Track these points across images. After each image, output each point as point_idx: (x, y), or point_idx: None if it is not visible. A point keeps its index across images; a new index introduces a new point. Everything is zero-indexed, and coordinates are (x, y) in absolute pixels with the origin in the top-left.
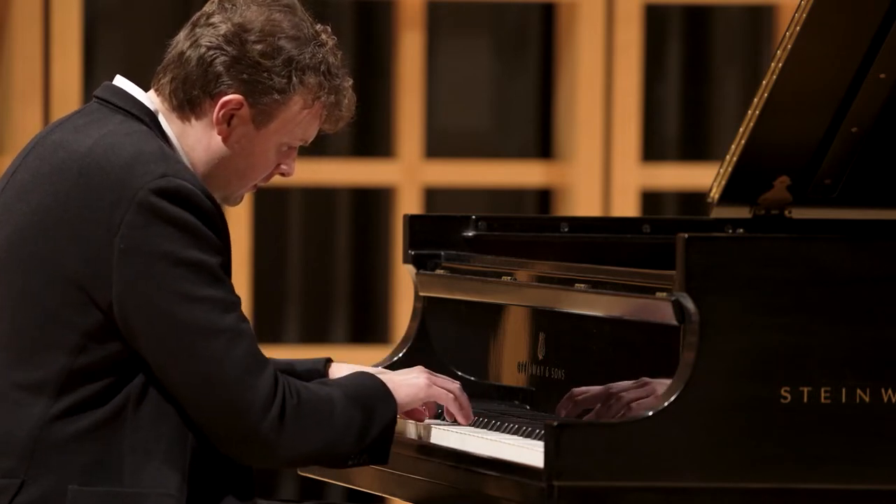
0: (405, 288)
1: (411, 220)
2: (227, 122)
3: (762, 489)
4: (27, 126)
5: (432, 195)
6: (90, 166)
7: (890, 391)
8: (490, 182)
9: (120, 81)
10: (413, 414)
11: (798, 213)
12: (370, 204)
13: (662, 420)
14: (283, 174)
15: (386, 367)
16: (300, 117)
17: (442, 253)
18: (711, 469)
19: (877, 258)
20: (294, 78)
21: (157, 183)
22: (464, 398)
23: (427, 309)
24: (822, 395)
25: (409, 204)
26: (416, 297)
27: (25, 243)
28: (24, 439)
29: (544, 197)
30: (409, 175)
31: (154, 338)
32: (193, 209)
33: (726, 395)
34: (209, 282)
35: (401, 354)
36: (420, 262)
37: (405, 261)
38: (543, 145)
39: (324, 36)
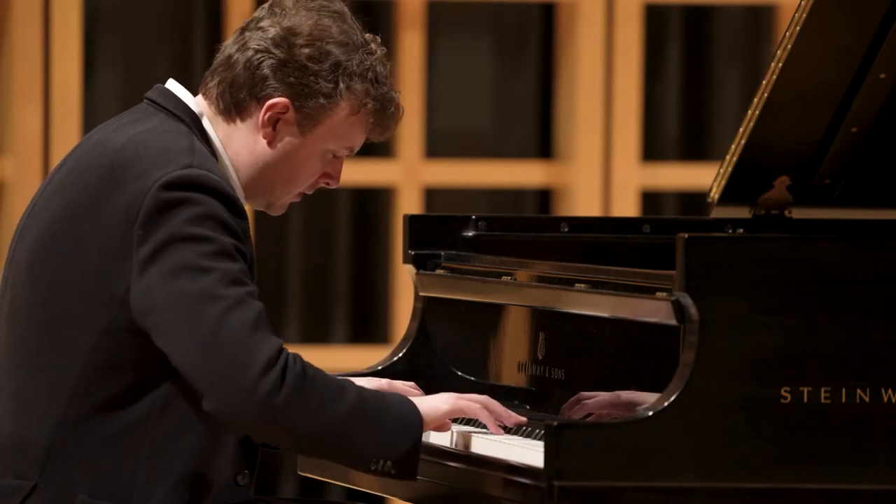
0: (405, 288)
1: (411, 220)
2: (273, 125)
3: (762, 489)
4: (27, 126)
5: (432, 195)
6: (120, 161)
7: (890, 391)
8: (490, 182)
9: (171, 84)
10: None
11: (798, 213)
12: (370, 204)
13: (662, 420)
14: (328, 184)
15: (386, 368)
16: (346, 124)
17: (442, 253)
18: (711, 469)
19: (877, 258)
20: (341, 83)
21: (177, 173)
22: (494, 405)
23: (427, 309)
24: (822, 395)
25: (409, 204)
26: (416, 297)
27: (55, 238)
28: (42, 443)
29: (544, 197)
30: (409, 175)
31: (159, 312)
32: (210, 193)
33: (726, 395)
34: (216, 256)
35: (401, 354)
36: (420, 262)
37: (405, 261)
38: (543, 145)
39: (373, 45)
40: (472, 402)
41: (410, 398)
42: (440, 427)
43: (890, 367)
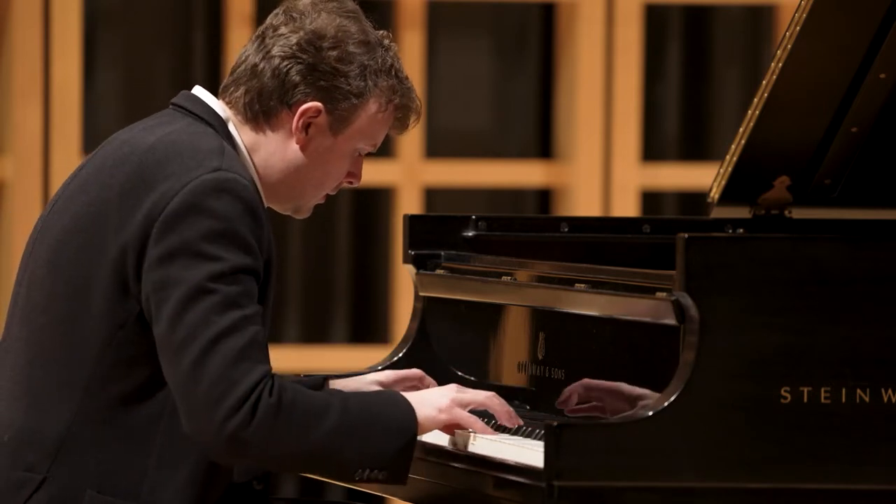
0: (405, 288)
1: (411, 220)
2: (305, 130)
3: (762, 489)
4: (27, 126)
5: (432, 195)
6: (149, 161)
7: (890, 391)
8: (490, 182)
9: (197, 90)
10: (449, 428)
11: (798, 213)
12: (370, 204)
13: (662, 420)
14: (350, 183)
15: (386, 368)
16: (374, 121)
17: (442, 253)
18: (711, 469)
19: (877, 258)
20: (369, 81)
21: (205, 177)
22: (497, 406)
23: (427, 309)
24: (822, 395)
25: (409, 204)
26: (416, 297)
27: (78, 234)
28: (54, 437)
29: (544, 197)
30: (409, 175)
31: (158, 324)
32: (235, 199)
33: (726, 395)
34: (220, 278)
35: (401, 354)
36: (420, 262)
37: (405, 261)
38: (543, 145)
39: (387, 41)
40: (464, 415)
41: (410, 401)
42: (448, 429)
43: (890, 367)
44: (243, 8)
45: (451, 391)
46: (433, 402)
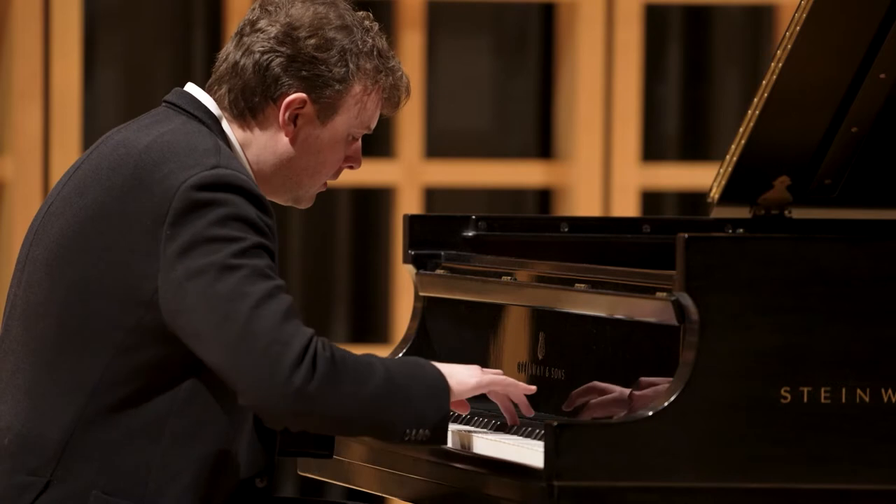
0: (405, 288)
1: (411, 220)
2: (293, 122)
3: (762, 489)
4: (27, 126)
5: (432, 195)
6: (146, 161)
7: (890, 391)
8: (490, 182)
9: (189, 88)
10: (456, 405)
11: (798, 213)
12: (370, 204)
13: (662, 420)
14: (351, 167)
15: None
16: (362, 104)
17: (442, 253)
18: (711, 469)
19: (877, 258)
20: (351, 65)
21: (206, 174)
22: (519, 391)
23: (427, 309)
24: (822, 395)
25: (409, 204)
26: (416, 297)
27: (78, 237)
28: (57, 440)
29: (544, 197)
30: (409, 175)
31: (190, 314)
32: (238, 192)
33: (726, 395)
34: (243, 254)
35: (401, 354)
36: (420, 262)
37: (405, 261)
38: (543, 145)
39: (367, 22)
40: (501, 380)
41: (437, 365)
42: (458, 407)
43: (890, 367)
44: (243, 8)
45: (476, 370)
46: (462, 372)
